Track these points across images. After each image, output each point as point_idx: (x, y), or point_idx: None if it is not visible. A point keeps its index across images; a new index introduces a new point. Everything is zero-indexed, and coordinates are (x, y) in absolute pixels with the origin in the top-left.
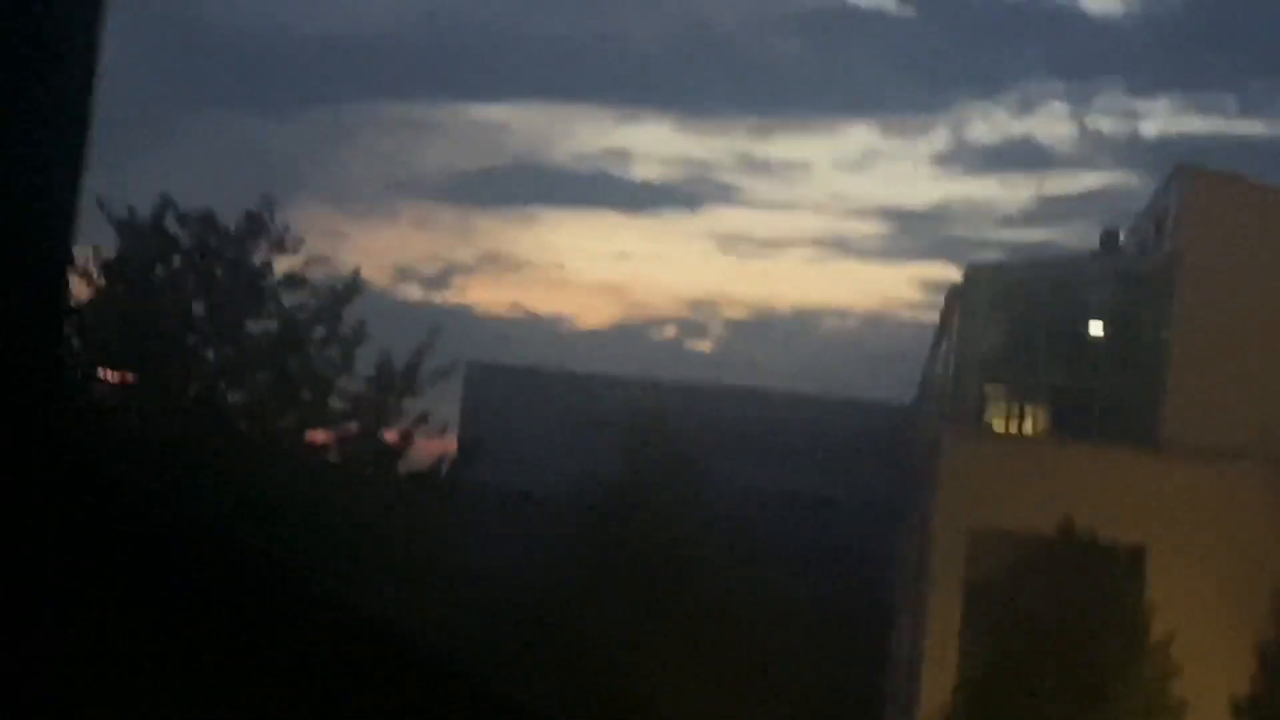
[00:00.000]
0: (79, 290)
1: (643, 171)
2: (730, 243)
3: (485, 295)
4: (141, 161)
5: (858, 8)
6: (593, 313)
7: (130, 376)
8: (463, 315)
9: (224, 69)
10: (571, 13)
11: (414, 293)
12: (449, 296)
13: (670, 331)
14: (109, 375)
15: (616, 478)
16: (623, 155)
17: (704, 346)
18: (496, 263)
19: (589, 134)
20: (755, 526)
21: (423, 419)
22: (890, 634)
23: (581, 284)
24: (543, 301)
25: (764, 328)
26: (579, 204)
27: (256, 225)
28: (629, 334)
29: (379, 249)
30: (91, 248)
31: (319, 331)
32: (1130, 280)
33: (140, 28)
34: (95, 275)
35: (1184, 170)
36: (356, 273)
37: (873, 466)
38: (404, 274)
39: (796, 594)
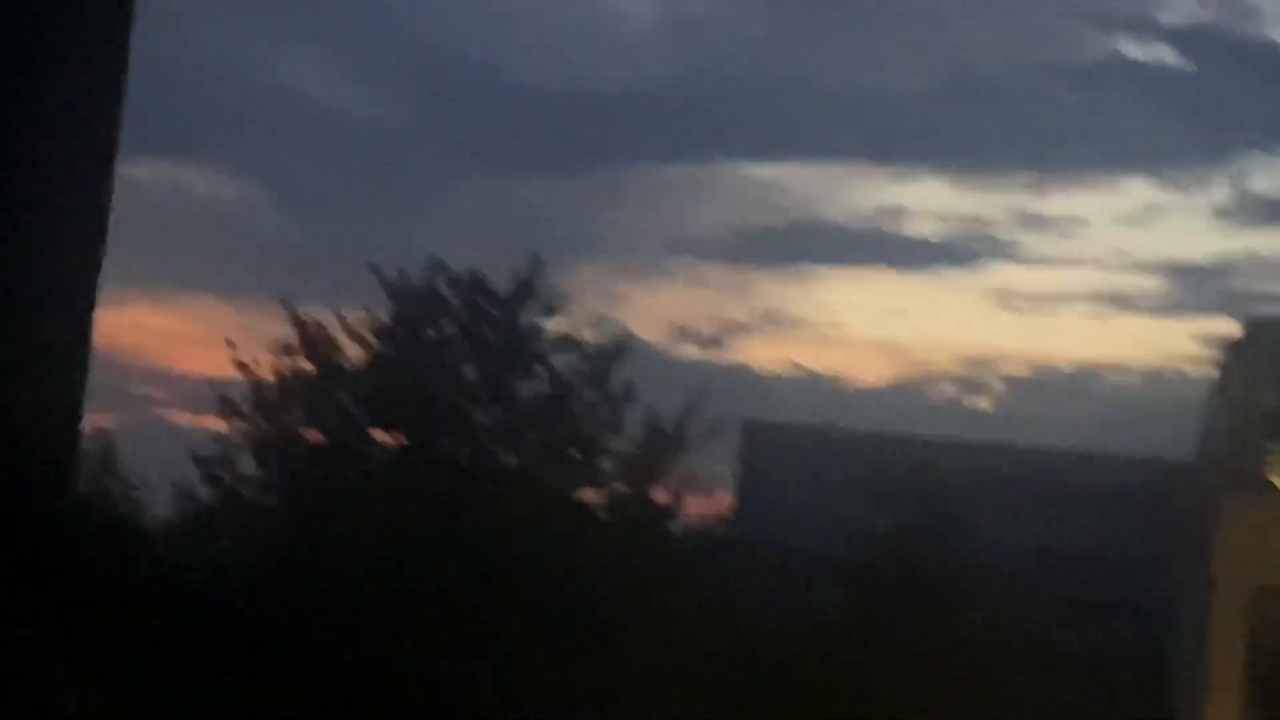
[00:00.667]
0: (352, 352)
1: (918, 228)
2: (1007, 299)
3: (761, 353)
4: (416, 223)
5: (1134, 59)
6: (869, 370)
7: (402, 439)
8: (739, 373)
9: (499, 129)
10: (842, 69)
11: (691, 352)
12: (725, 355)
13: (947, 389)
14: (382, 437)
15: (892, 535)
16: (898, 212)
17: (982, 404)
18: (773, 321)
19: (864, 191)
20: (1033, 583)
21: (693, 478)
22: (1167, 692)
23: (858, 341)
24: (819, 359)
25: (1042, 384)
26: (855, 262)
27: (527, 287)
28: (905, 391)
29: (656, 308)
30: (364, 310)
31: (589, 392)
32: None
33: (415, 89)
34: (367, 338)
35: None
36: (627, 332)
37: (1153, 523)
38: (681, 333)
39: (1072, 649)
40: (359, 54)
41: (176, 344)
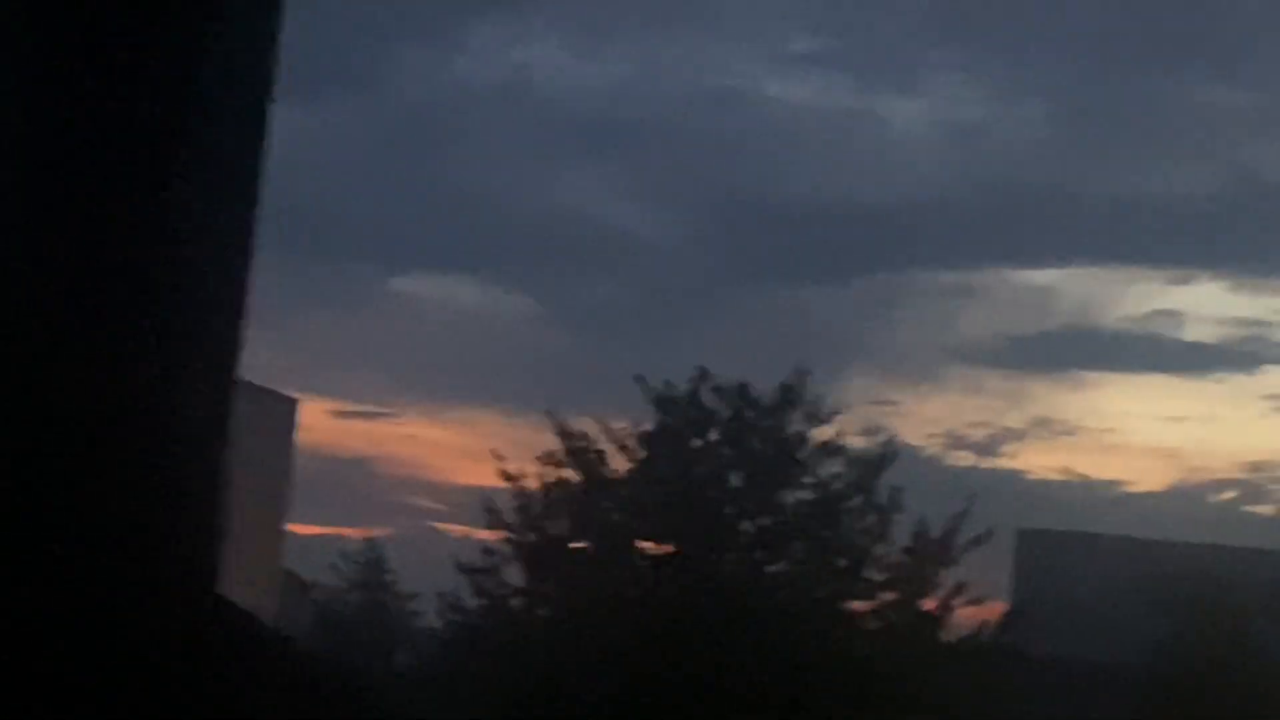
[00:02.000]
0: (618, 462)
1: (1195, 333)
2: None
3: (1036, 460)
4: (685, 335)
5: None
6: (1147, 476)
7: (669, 548)
8: (1013, 480)
9: (771, 238)
10: (1113, 172)
11: (964, 459)
12: (999, 462)
13: (1228, 495)
14: (648, 547)
15: (1172, 645)
16: (1174, 316)
17: (1264, 510)
18: (1047, 427)
19: (1139, 295)
20: None
21: (961, 587)
22: None
23: (1134, 447)
24: (1095, 466)
25: None
26: (1130, 367)
27: (791, 395)
28: (1184, 497)
29: (928, 415)
30: (629, 421)
31: (855, 501)
32: None
33: (686, 202)
34: (633, 448)
35: None
36: (895, 439)
37: None
38: (953, 440)
39: None
40: (632, 170)
41: (447, 455)
